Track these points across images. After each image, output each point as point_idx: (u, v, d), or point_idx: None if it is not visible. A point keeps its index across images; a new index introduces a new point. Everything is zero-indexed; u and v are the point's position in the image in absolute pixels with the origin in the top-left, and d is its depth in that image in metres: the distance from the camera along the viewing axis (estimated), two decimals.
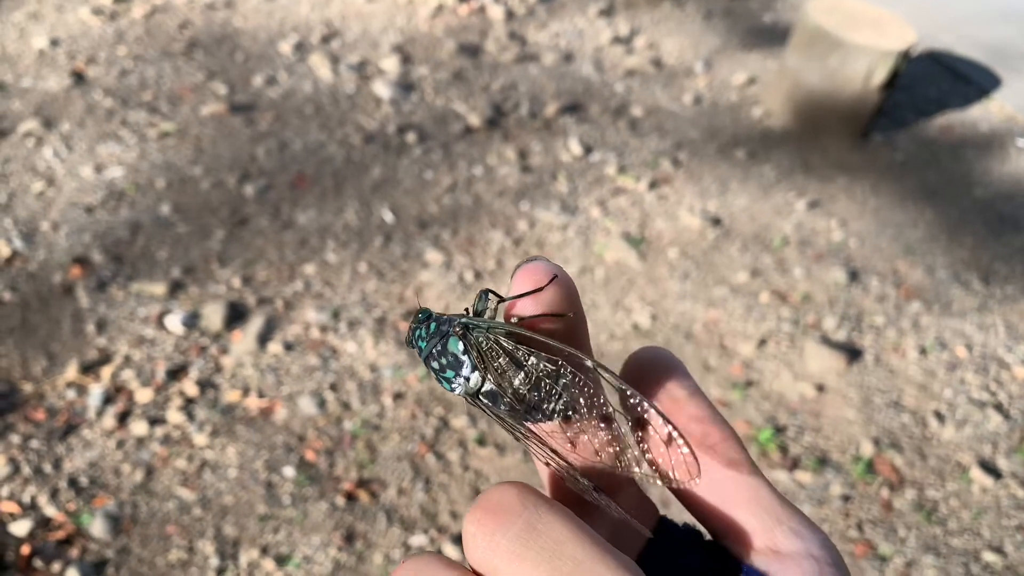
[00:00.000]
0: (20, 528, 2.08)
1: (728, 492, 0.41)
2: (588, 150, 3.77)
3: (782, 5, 5.37)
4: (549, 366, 0.39)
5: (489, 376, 0.40)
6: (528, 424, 0.41)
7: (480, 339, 0.40)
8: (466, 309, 0.44)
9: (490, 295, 0.44)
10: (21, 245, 2.85)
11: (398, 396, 2.56)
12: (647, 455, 0.39)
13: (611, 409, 0.39)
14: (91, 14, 4.10)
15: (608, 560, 0.31)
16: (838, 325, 3.03)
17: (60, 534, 2.09)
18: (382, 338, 2.72)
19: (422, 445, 2.44)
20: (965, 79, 4.77)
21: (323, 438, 2.43)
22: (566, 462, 0.40)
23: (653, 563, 0.43)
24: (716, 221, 3.45)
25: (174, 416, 2.41)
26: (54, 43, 3.88)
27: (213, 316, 2.69)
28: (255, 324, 2.70)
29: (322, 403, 2.51)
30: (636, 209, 3.46)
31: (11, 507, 2.13)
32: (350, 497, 2.29)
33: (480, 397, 0.41)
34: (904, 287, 3.26)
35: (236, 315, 2.73)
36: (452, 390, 0.41)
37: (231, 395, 2.50)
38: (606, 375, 0.38)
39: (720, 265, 3.24)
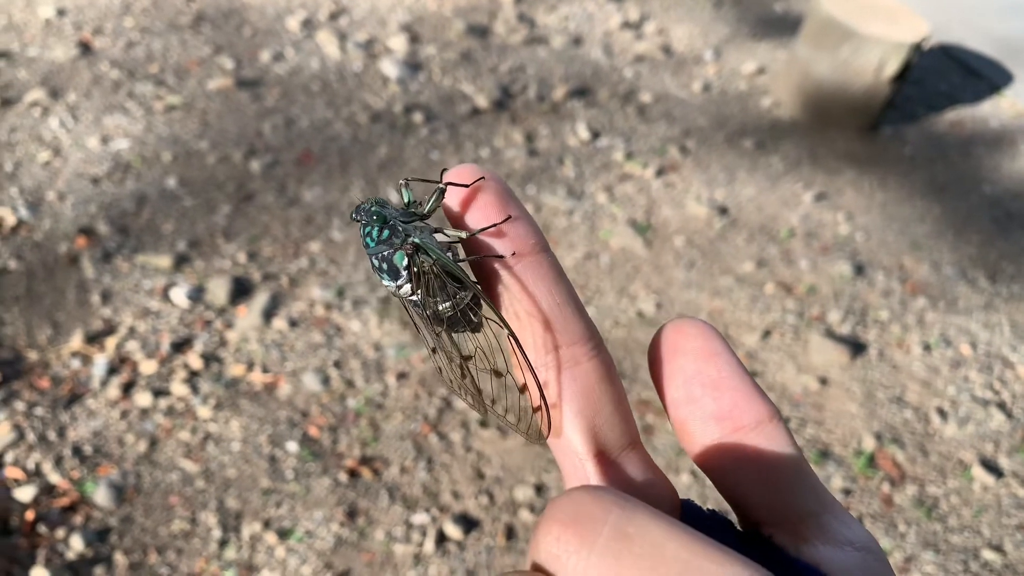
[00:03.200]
0: (24, 494, 2.08)
1: (769, 471, 0.37)
2: (596, 135, 3.75)
3: None
4: (469, 313, 0.44)
5: (419, 292, 0.44)
6: (436, 332, 0.46)
7: (424, 264, 0.43)
8: (409, 204, 0.46)
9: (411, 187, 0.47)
10: (27, 214, 2.83)
11: (401, 376, 2.56)
12: (511, 411, 0.44)
13: (505, 370, 0.44)
14: None
15: (714, 555, 0.27)
16: (843, 318, 3.03)
17: (64, 501, 2.09)
18: (387, 317, 2.71)
19: (425, 425, 2.44)
20: (976, 74, 4.75)
21: (327, 414, 2.42)
22: (453, 377, 0.46)
23: None
24: (723, 210, 3.44)
25: (178, 388, 2.41)
26: (60, 13, 3.85)
27: (218, 290, 2.68)
28: (260, 299, 2.69)
29: (326, 380, 2.51)
30: (643, 196, 3.45)
31: (16, 473, 2.13)
32: (353, 474, 2.29)
33: (404, 299, 0.45)
34: (910, 282, 3.26)
35: (241, 290, 2.72)
36: (382, 282, 0.45)
37: (235, 369, 2.50)
38: (515, 347, 0.40)
39: (726, 255, 3.23)
